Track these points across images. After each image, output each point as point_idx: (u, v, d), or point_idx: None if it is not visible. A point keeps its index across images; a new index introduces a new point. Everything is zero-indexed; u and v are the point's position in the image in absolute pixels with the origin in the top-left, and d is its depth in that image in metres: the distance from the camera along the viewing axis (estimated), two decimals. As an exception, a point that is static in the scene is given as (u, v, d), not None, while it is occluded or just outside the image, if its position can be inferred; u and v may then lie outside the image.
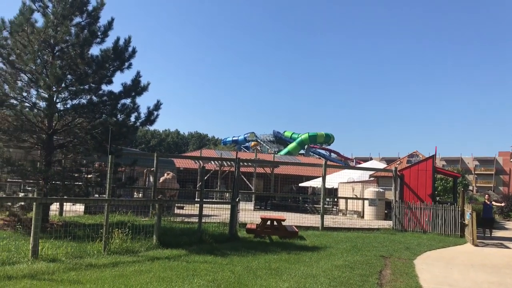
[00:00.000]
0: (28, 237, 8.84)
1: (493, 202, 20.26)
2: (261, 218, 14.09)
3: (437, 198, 21.26)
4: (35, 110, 11.68)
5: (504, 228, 23.42)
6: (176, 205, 21.53)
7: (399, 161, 30.05)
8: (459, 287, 8.01)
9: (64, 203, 14.99)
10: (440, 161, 79.70)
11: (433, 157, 19.24)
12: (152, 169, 16.97)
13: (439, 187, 26.48)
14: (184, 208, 22.87)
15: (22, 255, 8.04)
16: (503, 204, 25.70)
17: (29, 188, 13.77)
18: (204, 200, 12.69)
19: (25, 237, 9.66)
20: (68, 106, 11.93)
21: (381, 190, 25.19)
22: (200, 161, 29.91)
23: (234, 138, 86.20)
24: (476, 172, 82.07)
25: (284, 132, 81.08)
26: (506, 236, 18.44)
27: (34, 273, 7.00)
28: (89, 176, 13.42)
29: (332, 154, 75.37)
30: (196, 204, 23.25)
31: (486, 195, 20.64)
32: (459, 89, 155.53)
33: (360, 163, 54.36)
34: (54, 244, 9.01)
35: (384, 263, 10.03)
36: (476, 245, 14.56)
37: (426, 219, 17.56)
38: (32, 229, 8.00)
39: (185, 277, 7.32)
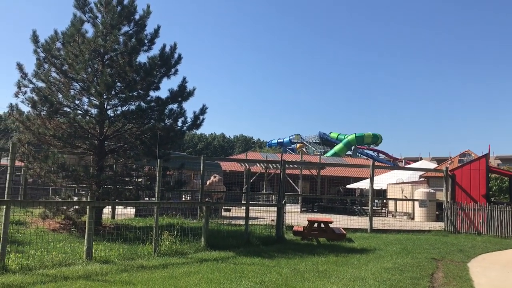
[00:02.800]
0: (82, 239, 9.20)
1: None
2: (308, 221, 14.01)
3: (492, 199, 20.35)
4: (87, 117, 12.18)
5: None
6: (223, 207, 21.79)
7: (450, 161, 29.06)
8: (517, 291, 7.65)
9: (116, 207, 15.50)
10: (495, 160, 76.22)
11: (486, 156, 18.48)
12: (199, 172, 17.25)
13: (494, 187, 25.35)
14: (231, 211, 23.13)
15: (77, 256, 8.39)
16: None
17: (82, 193, 14.37)
18: (250, 202, 12.74)
19: (80, 239, 10.05)
20: (118, 112, 12.36)
21: (432, 191, 24.43)
22: (246, 164, 30.09)
23: (279, 140, 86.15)
24: (534, 171, 78.07)
25: (330, 133, 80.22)
26: None
27: (88, 274, 7.28)
28: (139, 180, 13.82)
29: (380, 154, 73.78)
30: (242, 207, 23.47)
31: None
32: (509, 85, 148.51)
33: (409, 164, 52.94)
34: (107, 246, 9.34)
35: (436, 266, 9.72)
36: (536, 248, 13.84)
37: (481, 221, 16.88)
38: (86, 231, 8.33)
39: (233, 279, 7.38)
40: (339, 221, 17.32)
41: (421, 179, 29.24)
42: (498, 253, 12.64)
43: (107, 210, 15.62)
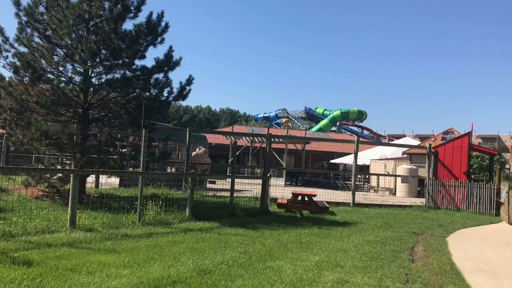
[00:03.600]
0: (66, 207, 9.16)
1: None
2: (292, 193, 14.14)
3: (472, 176, 20.75)
4: (71, 85, 11.95)
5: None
6: (208, 180, 21.83)
7: (433, 138, 29.45)
8: (493, 264, 7.86)
9: (100, 176, 15.40)
10: (476, 138, 77.35)
11: (469, 134, 18.74)
12: (184, 143, 17.18)
13: (475, 165, 25.85)
14: (216, 183, 23.20)
15: (60, 224, 8.36)
16: None
17: (66, 161, 14.21)
18: (236, 175, 12.76)
19: (63, 207, 10.00)
20: (103, 80, 12.14)
21: (414, 167, 24.78)
22: (232, 137, 30.07)
23: (265, 115, 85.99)
24: (514, 151, 79.43)
25: (315, 108, 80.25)
26: (545, 216, 17.93)
27: (72, 241, 7.27)
28: (124, 150, 13.72)
29: (365, 131, 74.23)
30: (228, 179, 23.52)
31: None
32: (497, 64, 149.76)
33: (393, 140, 53.47)
34: (91, 215, 9.32)
35: (416, 240, 9.93)
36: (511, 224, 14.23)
37: (460, 197, 17.23)
38: (69, 199, 8.29)
39: (217, 249, 7.45)
40: (323, 195, 17.52)
41: (404, 156, 29.60)
42: (476, 229, 12.96)
43: (90, 179, 15.54)
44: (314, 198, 14.11)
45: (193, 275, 5.70)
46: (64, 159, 14.60)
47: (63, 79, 11.76)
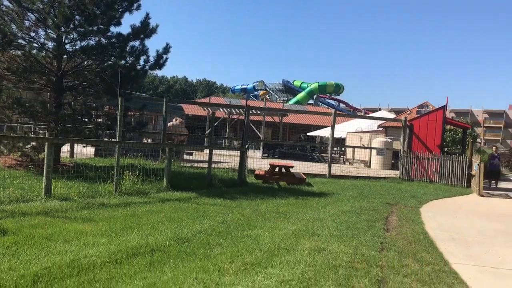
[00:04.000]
0: (40, 177, 9.00)
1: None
2: (270, 165, 14.19)
3: (445, 149, 21.20)
4: (44, 51, 11.55)
5: (509, 180, 23.50)
6: (185, 151, 21.70)
7: (409, 111, 29.85)
8: (464, 233, 8.11)
9: (75, 146, 15.13)
10: (450, 113, 78.78)
11: (444, 108, 19.03)
12: (161, 114, 16.97)
13: (448, 138, 26.36)
14: (193, 155, 23.09)
15: (35, 193, 8.21)
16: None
17: (40, 131, 13.88)
18: (214, 146, 12.71)
19: (38, 177, 9.82)
20: (77, 47, 11.73)
21: (389, 140, 25.16)
22: (209, 108, 29.82)
23: (243, 87, 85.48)
24: (485, 125, 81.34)
25: (293, 81, 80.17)
26: (511, 188, 18.54)
27: (47, 210, 7.16)
28: (99, 120, 13.46)
29: (341, 104, 74.73)
30: (205, 151, 23.44)
31: (494, 147, 20.57)
32: (472, 41, 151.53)
33: (368, 114, 53.98)
34: (66, 184, 9.17)
35: (391, 210, 10.14)
36: (482, 196, 14.65)
37: (434, 169, 17.61)
38: (44, 168, 8.12)
39: (195, 218, 7.46)
40: (299, 167, 17.65)
41: (379, 129, 29.99)
42: (448, 200, 13.32)
43: (65, 148, 15.25)
44: (291, 170, 14.21)
45: (172, 244, 5.71)
46: (37, 128, 14.26)
47: (35, 45, 11.34)
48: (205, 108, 30.77)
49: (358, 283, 4.57)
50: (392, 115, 39.77)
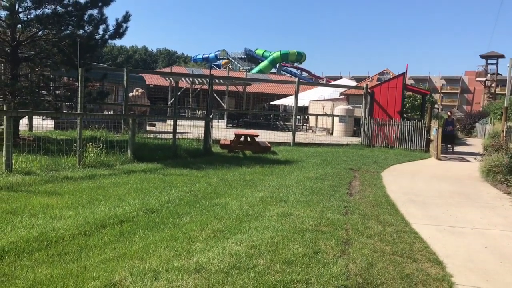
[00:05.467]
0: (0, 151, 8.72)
1: (455, 119, 21.00)
2: (235, 134, 14.24)
3: (405, 115, 21.79)
4: (-4, 21, 11.01)
5: (466, 144, 24.52)
6: (148, 122, 21.40)
7: (370, 79, 30.34)
8: (423, 196, 8.47)
9: (34, 118, 14.66)
10: (409, 80, 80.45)
11: (404, 75, 19.45)
12: (121, 84, 16.59)
13: (407, 104, 27.05)
14: (156, 126, 22.81)
15: (-5, 168, 7.98)
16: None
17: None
18: (178, 116, 12.60)
19: (-4, 151, 9.51)
20: (32, 16, 11.22)
21: (351, 107, 25.59)
22: (171, 78, 29.34)
23: (204, 56, 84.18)
24: (442, 91, 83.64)
25: (255, 50, 79.53)
26: (467, 151, 19.36)
27: (10, 185, 6.99)
28: (58, 92, 13.04)
29: (304, 72, 74.92)
30: (167, 122, 23.18)
31: (448, 112, 21.34)
32: (429, 8, 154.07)
33: (330, 82, 54.45)
34: (28, 158, 8.92)
35: (353, 175, 10.44)
36: (440, 159, 15.25)
37: (394, 135, 18.12)
38: (4, 142, 7.87)
39: (163, 189, 7.46)
40: (264, 136, 17.78)
41: (341, 97, 30.41)
42: (407, 164, 13.80)
43: (23, 122, 14.75)
44: (256, 139, 14.31)
45: (140, 214, 5.72)
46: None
47: (-15, 14, 10.79)
48: (167, 78, 30.29)
49: (325, 245, 4.75)
50: (353, 83, 40.30)
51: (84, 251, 4.30)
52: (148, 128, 20.86)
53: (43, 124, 15.71)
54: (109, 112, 19.72)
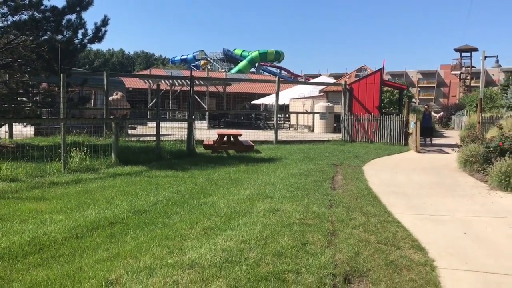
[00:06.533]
0: (-18, 160, 8.68)
1: (432, 113, 21.47)
2: (218, 134, 14.35)
3: (383, 110, 22.19)
4: (-28, 28, 10.90)
5: (444, 136, 25.08)
6: (129, 126, 21.34)
7: (348, 76, 30.73)
8: (404, 187, 8.72)
9: (14, 126, 14.52)
10: (386, 75, 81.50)
11: (381, 70, 19.79)
12: (100, 88, 16.52)
13: (385, 100, 27.50)
14: (137, 129, 22.75)
15: (-21, 176, 7.95)
16: (440, 114, 27.45)
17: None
18: (160, 118, 12.65)
19: (-22, 160, 9.44)
20: (9, 22, 11.15)
21: (331, 104, 25.91)
22: (150, 80, 29.23)
23: (183, 57, 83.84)
24: (419, 85, 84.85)
25: (234, 50, 79.60)
26: (445, 143, 19.83)
27: (-4, 192, 7.00)
28: (37, 98, 12.95)
29: (282, 71, 75.25)
30: (148, 124, 23.13)
31: (425, 105, 21.80)
32: (405, 3, 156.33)
33: (309, 80, 54.86)
34: (11, 165, 8.87)
35: (336, 170, 10.65)
36: (419, 152, 15.61)
37: (373, 130, 18.45)
38: (-13, 150, 7.85)
39: (149, 190, 7.54)
40: (246, 135, 17.91)
41: (321, 94, 30.74)
42: (388, 158, 14.10)
43: (3, 130, 14.59)
44: (240, 138, 14.43)
45: (130, 216, 5.81)
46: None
47: (-39, 21, 10.68)
48: (146, 80, 30.16)
49: (312, 237, 4.91)
50: (332, 80, 40.71)
51: (77, 253, 4.38)
52: (129, 131, 20.80)
53: (24, 131, 15.56)
54: (90, 117, 19.61)
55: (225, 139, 14.20)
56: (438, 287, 3.74)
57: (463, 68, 78.18)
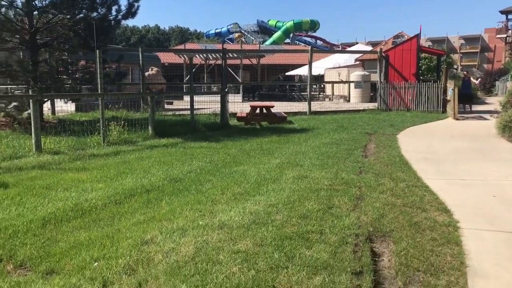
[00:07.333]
0: (27, 135, 9.21)
1: (472, 79, 20.80)
2: (251, 106, 14.49)
3: (421, 77, 21.65)
4: (13, 9, 11.36)
5: (485, 103, 24.28)
6: (165, 101, 21.78)
7: (384, 43, 29.98)
8: (437, 154, 8.65)
9: (55, 103, 15.15)
10: (426, 41, 78.78)
11: (417, 36, 19.26)
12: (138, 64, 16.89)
13: (423, 66, 26.72)
14: (173, 104, 23.19)
15: (26, 150, 8.47)
16: (479, 80, 26.61)
17: (18, 92, 13.83)
18: (194, 91, 12.91)
19: (25, 135, 9.99)
20: (47, 2, 11.56)
21: (367, 73, 25.45)
22: (185, 55, 29.52)
23: (217, 31, 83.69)
24: (461, 51, 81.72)
25: (268, 21, 78.73)
26: (485, 110, 19.24)
27: (42, 164, 7.46)
28: (76, 75, 13.44)
29: (318, 41, 74.03)
30: (185, 99, 23.49)
31: (465, 72, 21.10)
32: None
33: (345, 48, 53.90)
34: (55, 140, 9.40)
35: (369, 139, 10.63)
36: (457, 119, 15.27)
37: (410, 98, 18.12)
38: (32, 124, 8.32)
39: (184, 161, 7.83)
40: (280, 107, 17.93)
41: (356, 63, 30.20)
42: (424, 125, 13.89)
43: (46, 108, 15.26)
44: (272, 110, 14.53)
45: (165, 183, 6.10)
46: (13, 91, 14.21)
47: (3, 3, 11.14)
48: (181, 55, 30.47)
49: (338, 201, 5.05)
50: (369, 48, 39.86)
51: (116, 217, 4.69)
52: (166, 106, 21.25)
53: (65, 108, 16.21)
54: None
55: (257, 111, 14.34)
56: (459, 245, 3.81)
57: (510, 31, 74.45)
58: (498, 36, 75.57)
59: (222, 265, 3.39)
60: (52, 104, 15.37)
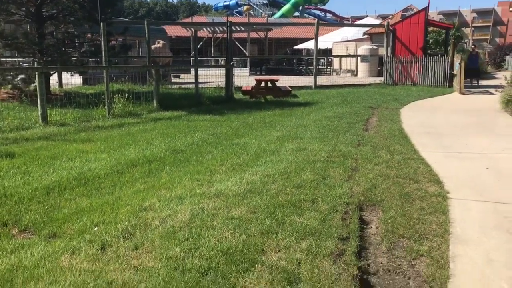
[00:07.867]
0: (34, 107, 9.38)
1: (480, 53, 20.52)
2: (256, 80, 14.53)
3: (429, 51, 21.44)
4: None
5: (494, 78, 24.01)
6: (172, 74, 21.83)
7: (391, 16, 29.56)
8: (439, 128, 8.70)
9: (62, 76, 15.29)
10: (438, 15, 77.34)
11: (425, 9, 18.98)
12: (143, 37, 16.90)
13: (431, 40, 26.40)
14: (180, 77, 23.22)
15: (33, 121, 8.66)
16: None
17: (25, 65, 13.97)
18: (199, 64, 12.96)
19: (31, 107, 10.17)
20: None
21: (375, 47, 25.21)
22: (191, 28, 29.36)
23: (225, 3, 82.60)
24: (473, 25, 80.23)
25: (277, -7, 77.63)
26: (493, 84, 19.04)
27: (47, 135, 7.65)
28: (83, 48, 13.52)
29: (328, 14, 73.04)
30: (192, 73, 23.51)
31: (472, 46, 20.84)
32: None
33: (355, 22, 53.12)
34: (60, 112, 9.57)
35: (372, 113, 10.68)
36: (463, 93, 15.20)
37: (417, 72, 18.00)
38: (38, 96, 8.48)
39: (187, 133, 7.98)
40: (287, 81, 17.91)
41: (365, 36, 29.87)
42: (429, 100, 13.87)
43: (53, 80, 15.42)
44: (277, 84, 14.56)
45: (167, 155, 6.26)
46: (20, 63, 14.34)
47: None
48: (187, 28, 30.29)
49: (333, 172, 5.18)
50: (378, 22, 39.32)
51: (117, 186, 4.86)
52: (173, 79, 21.31)
53: (71, 81, 16.35)
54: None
55: (262, 84, 14.38)
56: (446, 214, 3.94)
57: (523, 4, 72.86)
58: (511, 9, 74.05)
59: (215, 230, 3.55)
60: (60, 77, 15.51)
